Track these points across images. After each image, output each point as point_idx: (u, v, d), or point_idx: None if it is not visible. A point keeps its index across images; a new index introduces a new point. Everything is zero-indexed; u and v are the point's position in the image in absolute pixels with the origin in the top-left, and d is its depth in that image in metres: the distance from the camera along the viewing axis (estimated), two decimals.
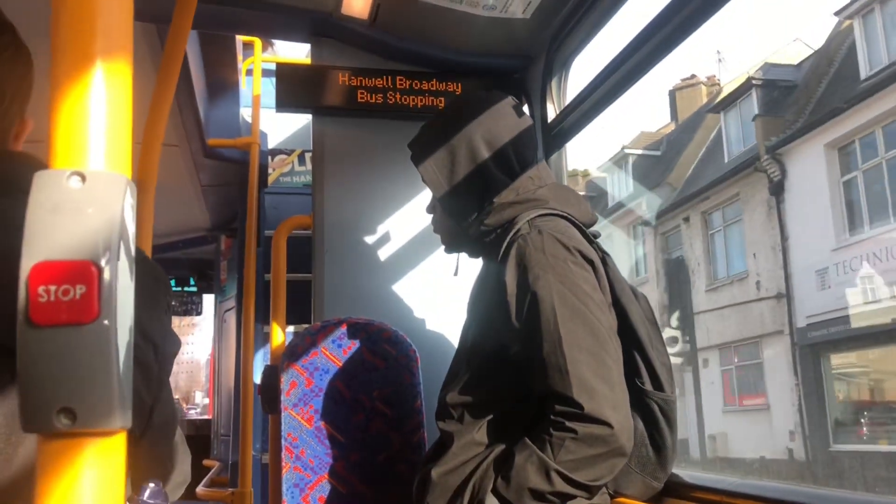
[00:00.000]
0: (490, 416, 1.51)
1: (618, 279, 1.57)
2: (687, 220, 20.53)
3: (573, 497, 1.36)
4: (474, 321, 1.65)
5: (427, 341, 2.28)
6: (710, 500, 1.49)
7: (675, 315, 20.89)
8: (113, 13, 0.49)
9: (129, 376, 0.45)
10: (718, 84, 24.21)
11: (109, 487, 0.43)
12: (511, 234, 1.53)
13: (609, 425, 1.32)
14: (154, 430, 0.97)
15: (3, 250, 0.56)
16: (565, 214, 1.57)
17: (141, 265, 0.94)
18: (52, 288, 0.42)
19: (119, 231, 0.45)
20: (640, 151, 24.57)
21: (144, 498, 0.83)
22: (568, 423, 1.33)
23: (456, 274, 1.85)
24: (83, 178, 0.45)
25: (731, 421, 18.35)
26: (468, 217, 1.67)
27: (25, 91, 0.97)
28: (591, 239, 1.60)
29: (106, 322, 0.43)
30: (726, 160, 19.40)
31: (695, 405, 19.46)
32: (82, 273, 0.43)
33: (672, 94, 25.52)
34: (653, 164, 23.69)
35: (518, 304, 1.46)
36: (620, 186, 24.49)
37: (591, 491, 1.36)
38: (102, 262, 0.44)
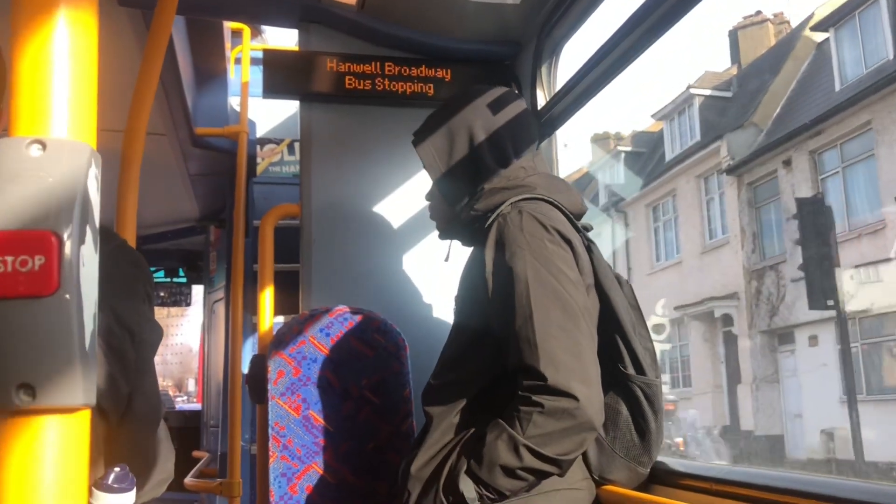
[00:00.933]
0: (467, 398, 1.54)
1: (601, 266, 1.59)
2: (788, 163, 16.68)
3: (544, 473, 1.38)
4: (460, 303, 1.68)
5: (416, 330, 2.27)
6: (697, 488, 1.49)
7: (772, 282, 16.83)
8: None
9: (93, 352, 0.43)
10: (787, 22, 21.90)
11: (72, 465, 0.41)
12: (493, 215, 1.56)
13: (574, 397, 1.34)
14: (134, 419, 0.95)
15: None
16: (551, 200, 1.59)
17: (119, 251, 0.92)
18: (9, 259, 0.40)
19: (82, 202, 0.43)
20: (708, 92, 21.22)
21: (109, 482, 0.82)
22: (534, 398, 1.35)
23: (447, 259, 1.87)
24: (44, 146, 0.43)
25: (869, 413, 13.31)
26: (461, 201, 1.70)
27: (2, 79, 0.95)
28: (576, 225, 1.62)
29: (67, 296, 0.41)
30: (838, 87, 15.95)
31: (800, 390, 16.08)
32: (41, 243, 0.41)
33: (733, 35, 22.76)
34: (723, 106, 20.59)
35: (495, 281, 1.50)
36: (684, 133, 21.42)
37: (560, 465, 1.38)
38: (63, 233, 0.42)
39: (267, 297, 2.43)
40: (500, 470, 1.35)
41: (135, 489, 0.85)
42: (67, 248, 0.42)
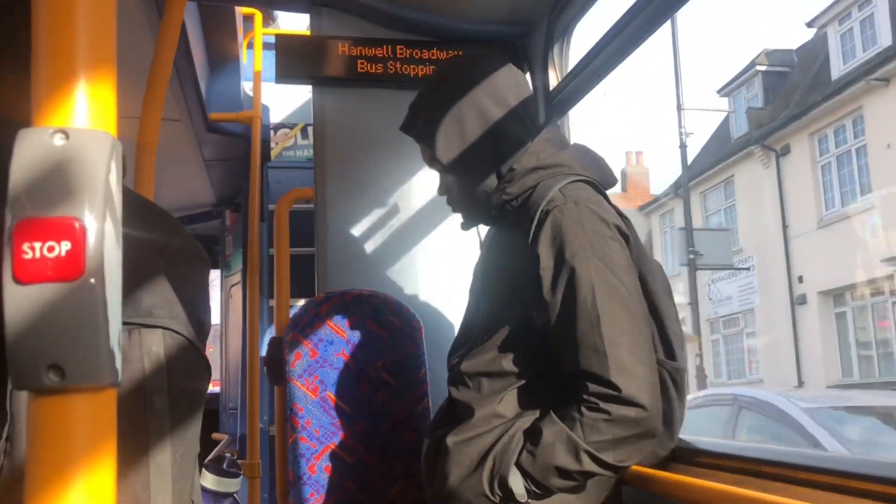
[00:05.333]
0: (512, 388, 1.48)
1: (640, 250, 1.52)
2: None
3: (599, 476, 1.36)
4: (492, 290, 1.60)
5: (430, 311, 2.29)
6: (716, 465, 1.50)
7: None
8: None
9: (117, 333, 0.45)
10: None
11: (100, 442, 0.43)
12: (543, 203, 1.45)
13: (644, 408, 1.31)
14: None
15: None
16: (591, 180, 1.52)
17: (188, 246, 0.90)
18: (37, 245, 0.42)
19: (104, 189, 0.45)
20: None
21: (224, 466, 0.85)
22: (602, 405, 1.31)
23: (482, 248, 1.79)
24: (66, 135, 0.44)
25: None
26: (485, 185, 1.59)
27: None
28: (619, 210, 1.55)
29: (92, 280, 0.43)
30: None
31: None
32: (67, 229, 0.43)
33: None
34: None
35: (553, 279, 1.41)
36: (862, 40, 16.37)
37: (618, 471, 1.36)
38: (87, 219, 0.43)
39: (283, 281, 2.45)
40: (555, 471, 1.33)
41: (241, 476, 0.88)
42: (92, 234, 0.44)
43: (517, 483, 1.35)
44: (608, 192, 1.60)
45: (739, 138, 20.14)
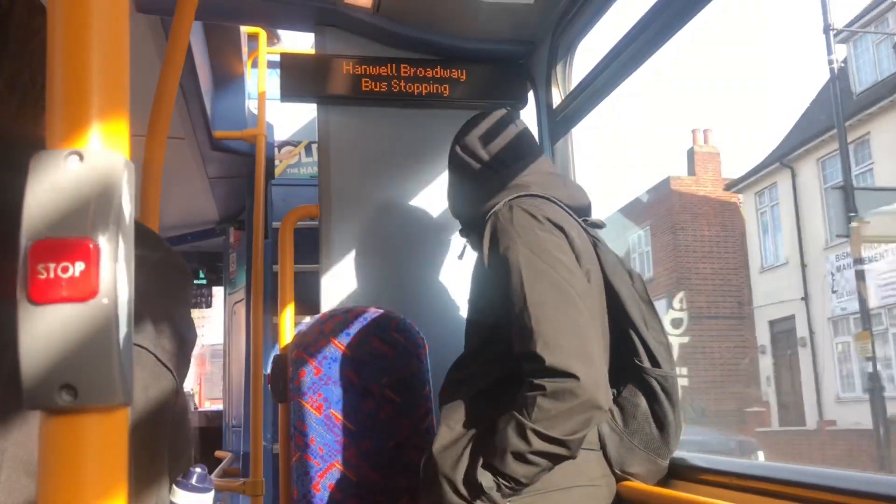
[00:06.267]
0: (478, 390, 1.57)
1: (609, 261, 1.62)
2: None
3: (556, 456, 1.39)
4: (471, 302, 1.74)
5: (434, 328, 2.29)
6: (717, 482, 1.50)
7: None
8: None
9: (129, 353, 0.45)
10: None
11: (111, 461, 0.43)
12: (489, 214, 1.63)
13: (574, 377, 1.35)
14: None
15: None
16: (546, 196, 1.64)
17: (168, 258, 0.92)
18: (52, 265, 0.43)
19: (117, 210, 0.45)
20: None
21: (193, 481, 0.85)
22: (536, 381, 1.37)
23: (461, 257, 2.01)
24: (81, 157, 0.45)
25: None
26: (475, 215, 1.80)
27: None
28: (575, 218, 1.66)
29: (105, 300, 0.43)
30: None
31: None
32: (81, 250, 0.43)
33: None
34: None
35: (494, 274, 1.54)
36: None
37: (569, 446, 1.39)
38: (101, 240, 0.44)
39: (287, 298, 2.45)
40: (511, 456, 1.38)
41: (213, 490, 0.88)
42: (105, 254, 0.44)
43: (486, 477, 1.40)
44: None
45: (868, 90, 16.16)
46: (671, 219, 21.78)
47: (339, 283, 2.35)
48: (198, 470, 0.88)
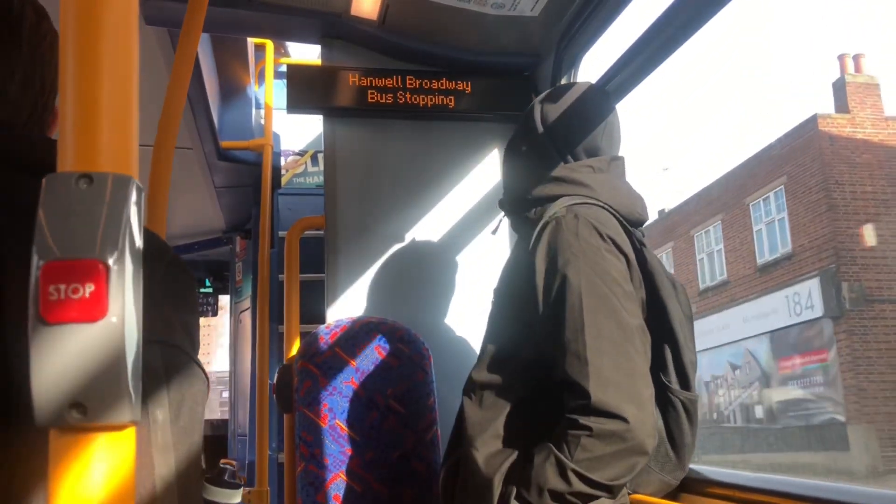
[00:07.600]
0: (510, 405, 1.46)
1: (657, 273, 1.51)
2: None
3: (594, 497, 1.31)
4: (501, 300, 1.62)
5: (439, 339, 2.29)
6: (725, 496, 1.49)
7: None
8: (119, 14, 0.51)
9: (138, 372, 0.46)
10: None
11: (120, 478, 0.44)
12: (546, 216, 1.49)
13: (624, 419, 1.26)
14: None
15: None
16: (608, 206, 1.53)
17: (175, 263, 0.93)
18: (62, 286, 0.44)
19: (127, 230, 0.46)
20: None
21: (225, 478, 0.88)
22: (581, 420, 1.28)
23: (494, 232, 1.93)
24: (91, 179, 0.46)
25: None
26: (525, 185, 1.67)
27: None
28: (631, 232, 1.55)
29: (114, 319, 0.45)
30: None
31: None
32: (91, 272, 0.44)
33: None
34: None
35: (546, 288, 1.42)
36: None
37: (611, 491, 1.31)
38: (110, 261, 0.45)
39: (293, 308, 2.46)
40: (548, 494, 1.29)
41: (243, 486, 0.91)
42: (115, 275, 0.45)
43: None
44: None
45: None
46: (821, 171, 16.66)
47: (345, 294, 2.35)
48: (228, 468, 0.90)
